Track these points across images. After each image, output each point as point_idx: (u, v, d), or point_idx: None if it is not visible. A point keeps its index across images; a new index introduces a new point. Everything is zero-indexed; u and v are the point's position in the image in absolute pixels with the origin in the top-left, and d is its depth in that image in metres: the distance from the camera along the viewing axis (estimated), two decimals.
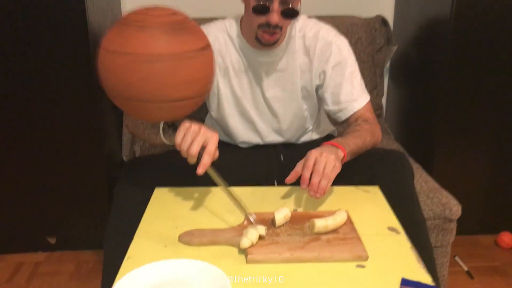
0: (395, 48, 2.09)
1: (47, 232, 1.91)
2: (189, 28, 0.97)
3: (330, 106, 1.35)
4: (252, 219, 1.01)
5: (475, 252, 1.94)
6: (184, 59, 0.95)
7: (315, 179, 1.03)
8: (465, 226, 1.65)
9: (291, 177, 1.08)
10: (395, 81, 2.28)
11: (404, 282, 0.86)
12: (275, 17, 1.17)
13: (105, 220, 1.22)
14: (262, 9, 1.18)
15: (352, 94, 1.32)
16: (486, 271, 1.84)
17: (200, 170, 1.01)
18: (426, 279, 0.88)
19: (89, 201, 1.86)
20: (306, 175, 1.04)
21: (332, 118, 1.43)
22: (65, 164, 1.82)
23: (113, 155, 1.95)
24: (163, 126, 1.09)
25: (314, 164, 1.05)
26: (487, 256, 1.92)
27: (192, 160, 1.02)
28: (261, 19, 1.19)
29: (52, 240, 1.91)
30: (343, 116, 1.34)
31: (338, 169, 1.06)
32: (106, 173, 1.84)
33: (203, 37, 1.01)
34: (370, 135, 1.24)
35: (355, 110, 1.32)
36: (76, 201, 1.87)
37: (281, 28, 1.21)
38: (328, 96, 1.34)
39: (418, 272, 0.90)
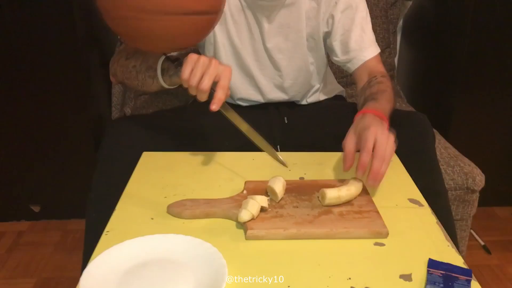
0: (410, 3, 1.95)
1: (31, 199, 1.83)
2: None
3: (340, 57, 1.21)
4: (283, 162, 0.91)
5: (492, 225, 1.85)
6: None
7: (377, 165, 0.85)
8: (481, 198, 1.54)
9: (349, 163, 0.89)
10: (408, 40, 2.13)
11: (432, 264, 0.73)
12: None
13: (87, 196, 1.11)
14: None
15: (363, 41, 1.18)
16: (503, 245, 1.75)
17: (214, 106, 0.89)
18: (457, 260, 0.75)
19: (75, 166, 1.78)
20: (366, 159, 0.85)
21: (340, 76, 1.27)
22: (50, 128, 1.73)
23: (101, 118, 1.86)
24: (162, 66, 0.96)
25: (374, 146, 0.86)
26: (505, 229, 1.84)
27: (203, 97, 0.91)
28: None
29: (36, 208, 1.84)
30: (352, 66, 1.20)
31: (394, 150, 0.89)
32: (94, 137, 1.75)
33: None
34: (394, 94, 1.12)
35: (366, 59, 1.18)
36: (61, 167, 1.78)
37: None
38: (337, 44, 1.21)
39: (447, 251, 0.77)
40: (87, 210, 1.08)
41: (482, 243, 1.72)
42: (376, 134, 0.87)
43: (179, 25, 0.85)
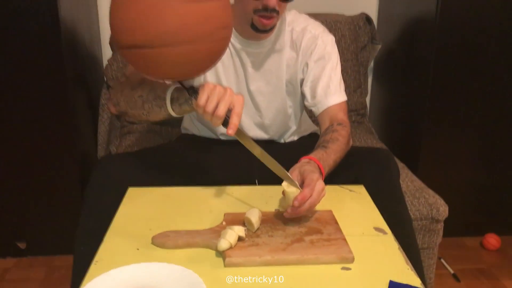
0: (379, 46, 2.07)
1: (17, 236, 1.84)
2: None
3: (309, 101, 1.31)
4: (297, 185, 0.96)
5: (461, 254, 1.92)
6: None
7: (308, 207, 0.95)
8: (450, 228, 1.62)
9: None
10: (379, 80, 2.26)
11: (392, 285, 0.81)
12: (272, 0, 1.13)
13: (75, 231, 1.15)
14: None
15: (328, 88, 1.29)
16: (472, 274, 1.82)
17: (231, 131, 0.96)
18: (415, 281, 0.83)
19: (61, 204, 1.80)
20: (308, 194, 0.95)
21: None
22: (36, 165, 1.75)
23: (87, 156, 1.89)
24: (171, 96, 1.01)
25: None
26: (473, 258, 1.91)
27: (217, 122, 0.97)
28: (257, 4, 1.15)
29: (22, 245, 1.85)
30: (317, 111, 1.30)
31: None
32: (80, 174, 1.78)
33: None
34: (347, 143, 1.21)
35: (329, 105, 1.28)
36: (47, 204, 1.80)
37: (278, 12, 1.17)
38: (307, 90, 1.31)
39: (407, 274, 0.85)
40: (75, 243, 1.13)
41: (452, 272, 1.80)
42: (319, 180, 0.98)
43: (197, 52, 0.90)
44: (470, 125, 1.83)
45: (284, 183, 0.97)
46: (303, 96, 1.34)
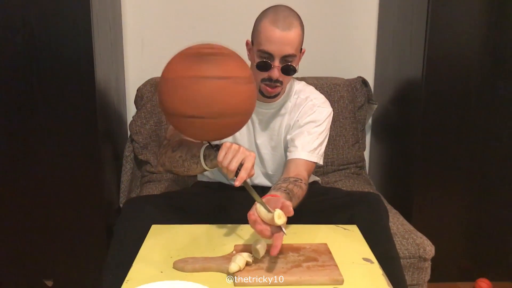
0: (375, 106, 2.28)
1: (44, 274, 1.95)
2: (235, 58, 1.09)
3: (289, 147, 1.47)
4: (284, 231, 1.07)
5: None
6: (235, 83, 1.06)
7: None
8: (443, 273, 1.73)
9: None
10: (377, 136, 2.45)
11: None
12: (275, 72, 1.34)
13: (103, 264, 1.31)
14: (264, 66, 1.35)
15: (306, 145, 1.43)
16: None
17: (237, 183, 1.12)
18: None
19: (87, 245, 1.93)
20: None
21: (316, 166, 1.54)
22: (65, 209, 1.90)
23: (111, 203, 2.05)
24: (204, 153, 1.21)
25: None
26: None
27: (231, 175, 1.15)
28: (264, 75, 1.36)
29: (49, 283, 1.96)
30: (289, 156, 1.44)
31: None
32: (104, 220, 1.93)
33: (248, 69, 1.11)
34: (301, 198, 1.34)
35: (300, 157, 1.41)
36: (74, 245, 1.93)
37: (281, 83, 1.38)
38: (289, 139, 1.48)
39: None
40: (104, 273, 1.29)
41: None
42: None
43: (223, 125, 1.07)
44: (459, 176, 1.99)
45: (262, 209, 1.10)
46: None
